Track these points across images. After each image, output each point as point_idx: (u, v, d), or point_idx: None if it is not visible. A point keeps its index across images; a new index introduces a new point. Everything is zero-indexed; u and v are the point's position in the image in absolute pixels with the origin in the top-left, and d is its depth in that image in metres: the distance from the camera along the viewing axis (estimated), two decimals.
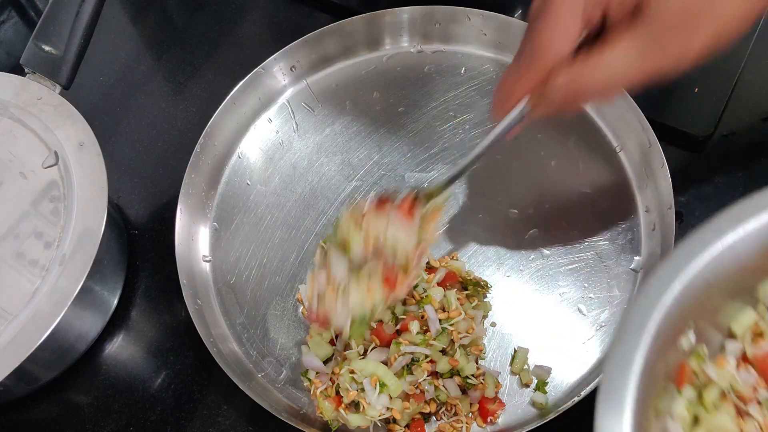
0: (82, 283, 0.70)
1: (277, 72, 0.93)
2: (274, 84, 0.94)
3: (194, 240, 0.84)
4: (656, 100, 0.90)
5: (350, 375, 0.69)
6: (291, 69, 0.94)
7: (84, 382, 0.80)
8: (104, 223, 0.73)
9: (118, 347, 0.83)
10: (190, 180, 0.85)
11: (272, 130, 0.93)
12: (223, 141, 0.90)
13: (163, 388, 0.79)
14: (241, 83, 0.90)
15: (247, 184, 0.89)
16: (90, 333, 0.81)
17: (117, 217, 0.89)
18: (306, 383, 0.74)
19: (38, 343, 0.68)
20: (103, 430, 0.78)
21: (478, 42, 0.95)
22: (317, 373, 0.72)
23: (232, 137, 0.91)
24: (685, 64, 0.57)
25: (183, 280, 0.78)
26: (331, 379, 0.72)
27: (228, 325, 0.80)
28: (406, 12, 0.94)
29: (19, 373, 0.68)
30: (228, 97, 0.89)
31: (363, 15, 0.93)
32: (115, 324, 0.83)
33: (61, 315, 0.69)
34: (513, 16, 0.95)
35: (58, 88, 0.83)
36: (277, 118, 0.93)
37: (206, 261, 0.84)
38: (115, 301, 0.84)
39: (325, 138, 0.91)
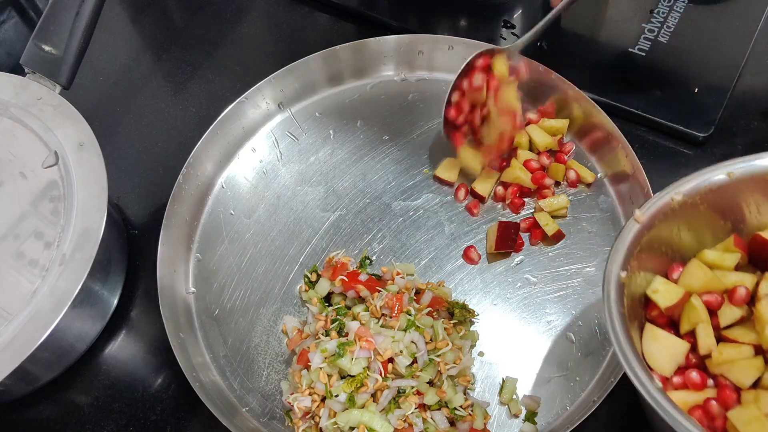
0: (82, 283, 0.70)
1: (261, 101, 0.92)
2: (258, 113, 0.93)
3: (177, 272, 0.83)
4: (656, 100, 0.90)
5: (335, 427, 0.68)
6: (279, 105, 0.93)
7: (84, 382, 0.80)
8: (104, 223, 0.73)
9: (118, 347, 0.83)
10: (173, 211, 0.84)
11: (256, 160, 0.92)
12: (206, 171, 0.89)
13: (163, 388, 0.79)
14: (224, 113, 0.89)
15: (231, 214, 0.88)
16: (90, 333, 0.81)
17: (117, 217, 0.89)
18: (288, 422, 0.73)
19: (38, 343, 0.68)
20: (103, 430, 0.78)
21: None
22: (300, 413, 0.70)
23: (215, 167, 0.90)
24: None
25: (165, 313, 0.77)
26: (313, 418, 0.70)
27: (211, 358, 0.79)
28: (390, 41, 0.94)
29: (19, 373, 0.68)
30: (211, 127, 0.88)
31: (347, 44, 0.93)
32: (115, 324, 0.83)
33: (61, 315, 0.69)
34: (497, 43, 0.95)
35: (58, 88, 0.83)
36: (261, 147, 0.93)
37: (189, 293, 0.83)
38: (115, 301, 0.84)
39: (309, 167, 0.91)
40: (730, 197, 0.65)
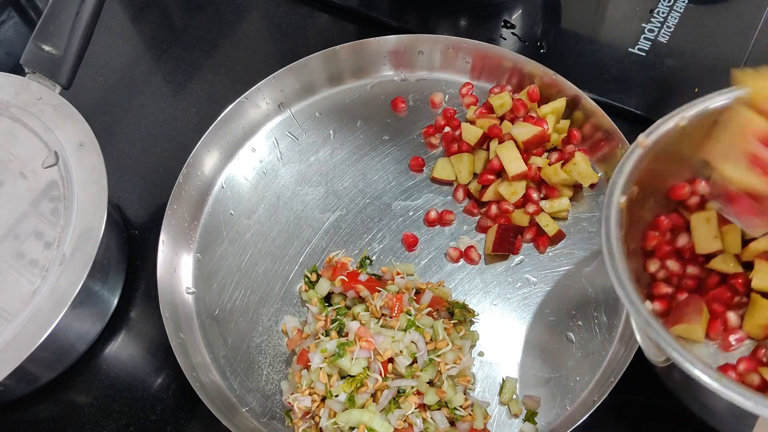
0: (82, 283, 0.70)
1: (261, 101, 0.92)
2: (258, 113, 0.93)
3: (177, 272, 0.83)
4: (656, 100, 0.90)
5: (335, 427, 0.68)
6: (279, 105, 0.93)
7: (84, 382, 0.80)
8: (104, 223, 0.73)
9: (118, 347, 0.83)
10: (173, 211, 0.84)
11: (256, 159, 0.92)
12: (206, 171, 0.89)
13: (163, 388, 0.79)
14: (224, 113, 0.89)
15: (231, 214, 0.88)
16: (90, 333, 0.81)
17: (117, 217, 0.89)
18: (288, 422, 0.73)
19: (38, 343, 0.68)
20: (103, 430, 0.78)
21: (461, 70, 0.94)
22: (300, 413, 0.70)
23: (215, 167, 0.90)
24: None
25: (165, 313, 0.77)
26: (313, 418, 0.70)
27: (211, 358, 0.79)
28: (390, 41, 0.93)
29: (19, 373, 0.68)
30: (211, 127, 0.88)
31: (347, 44, 0.93)
32: (115, 324, 0.83)
33: (61, 315, 0.69)
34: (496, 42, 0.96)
35: (58, 88, 0.83)
36: (261, 147, 0.92)
37: (189, 293, 0.83)
38: (115, 301, 0.84)
39: (309, 167, 0.91)
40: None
